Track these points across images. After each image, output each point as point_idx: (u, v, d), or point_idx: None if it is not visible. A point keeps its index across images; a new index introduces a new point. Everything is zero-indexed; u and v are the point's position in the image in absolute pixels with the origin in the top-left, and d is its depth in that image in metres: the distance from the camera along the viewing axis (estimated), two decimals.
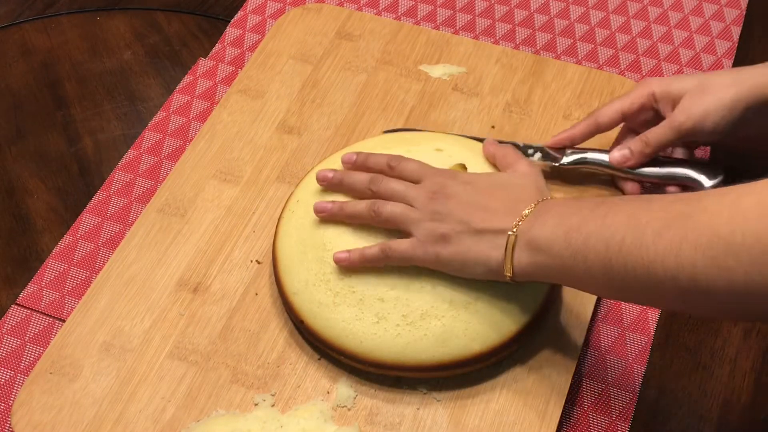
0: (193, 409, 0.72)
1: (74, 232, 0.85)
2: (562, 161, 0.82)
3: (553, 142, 0.83)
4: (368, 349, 0.71)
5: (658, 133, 0.78)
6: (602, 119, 0.81)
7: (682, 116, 0.76)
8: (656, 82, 0.79)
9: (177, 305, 0.78)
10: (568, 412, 0.73)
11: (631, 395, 0.74)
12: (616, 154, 0.80)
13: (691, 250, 0.54)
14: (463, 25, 1.01)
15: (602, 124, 0.81)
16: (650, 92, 0.79)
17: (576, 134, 0.82)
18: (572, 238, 0.62)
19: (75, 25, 1.05)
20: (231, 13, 1.04)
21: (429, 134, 0.85)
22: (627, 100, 0.80)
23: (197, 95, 0.95)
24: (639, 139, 0.79)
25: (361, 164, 0.77)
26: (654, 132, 0.78)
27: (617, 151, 0.80)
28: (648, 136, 0.78)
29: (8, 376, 0.77)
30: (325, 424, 0.71)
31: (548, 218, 0.65)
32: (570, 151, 0.83)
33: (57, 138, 0.94)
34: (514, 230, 0.66)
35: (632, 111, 0.80)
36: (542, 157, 0.83)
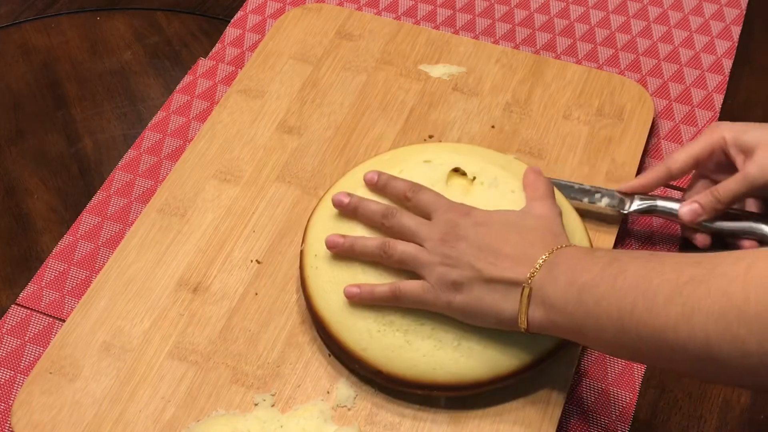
0: (193, 409, 0.72)
1: (74, 232, 0.85)
2: (632, 208, 0.80)
3: (624, 189, 0.81)
4: (459, 373, 0.70)
5: (730, 188, 0.76)
6: (674, 166, 0.79)
7: (756, 170, 0.74)
8: (726, 128, 0.78)
9: (177, 305, 0.78)
10: (568, 412, 0.73)
11: (631, 395, 0.74)
12: (685, 209, 0.77)
13: (704, 318, 0.53)
14: (463, 25, 1.01)
15: (674, 170, 0.79)
16: (721, 137, 0.77)
17: (647, 182, 0.80)
18: (585, 299, 0.61)
19: (75, 25, 1.05)
20: (231, 13, 1.04)
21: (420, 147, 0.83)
22: (698, 145, 0.78)
23: (197, 95, 0.95)
24: (710, 193, 0.77)
25: (381, 187, 0.75)
26: (725, 186, 0.76)
27: (687, 205, 0.77)
28: (719, 191, 0.76)
29: (8, 376, 0.77)
30: (325, 424, 0.71)
31: (560, 273, 0.63)
32: (639, 198, 0.81)
33: (57, 138, 0.94)
34: (527, 284, 0.65)
35: (704, 156, 0.78)
36: (609, 203, 0.81)
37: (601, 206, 0.81)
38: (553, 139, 0.88)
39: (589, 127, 0.89)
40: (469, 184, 0.77)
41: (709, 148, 0.78)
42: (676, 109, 0.93)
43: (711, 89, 0.94)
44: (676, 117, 0.92)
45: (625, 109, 0.90)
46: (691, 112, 0.93)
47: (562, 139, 0.88)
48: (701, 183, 0.81)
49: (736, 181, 0.76)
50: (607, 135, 0.88)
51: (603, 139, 0.88)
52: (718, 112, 0.92)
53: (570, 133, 0.88)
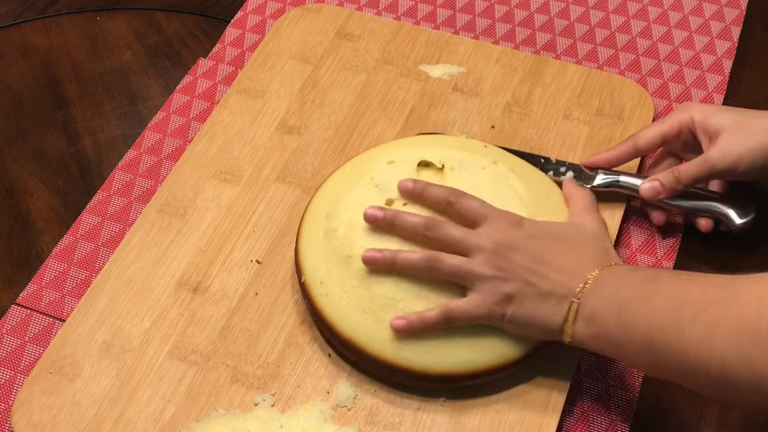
0: (193, 409, 0.72)
1: (74, 232, 0.85)
2: (594, 183, 0.82)
3: (588, 162, 0.82)
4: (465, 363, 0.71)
5: (691, 170, 0.77)
6: (641, 142, 0.80)
7: (717, 155, 0.75)
8: (696, 108, 0.78)
9: (177, 305, 0.78)
10: (568, 412, 0.73)
11: (631, 395, 0.74)
12: (646, 186, 0.79)
13: (721, 341, 0.54)
14: (463, 25, 1.01)
15: (641, 147, 0.81)
16: (690, 117, 0.78)
17: (614, 157, 0.82)
18: (622, 315, 0.62)
19: (75, 25, 1.05)
20: (231, 13, 1.04)
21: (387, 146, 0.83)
22: (666, 123, 0.80)
23: (197, 95, 0.95)
24: (671, 173, 0.78)
25: (418, 195, 0.73)
26: (687, 168, 0.77)
27: (648, 182, 0.79)
28: (680, 172, 0.77)
29: (8, 376, 0.77)
30: (325, 424, 0.71)
31: (604, 289, 0.65)
32: (603, 173, 0.82)
33: (57, 138, 0.94)
34: (577, 298, 0.65)
35: (671, 135, 0.80)
36: (574, 176, 0.82)
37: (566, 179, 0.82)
38: (553, 139, 0.88)
39: (589, 127, 0.89)
40: (440, 172, 0.77)
41: (677, 127, 0.79)
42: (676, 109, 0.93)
43: (711, 89, 0.94)
44: None
45: (625, 109, 0.90)
46: None
47: (562, 139, 0.88)
48: (668, 160, 0.82)
49: (697, 163, 0.77)
50: (607, 135, 0.88)
51: (603, 139, 0.88)
52: None
53: (570, 133, 0.88)
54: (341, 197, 0.76)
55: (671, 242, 0.83)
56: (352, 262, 0.72)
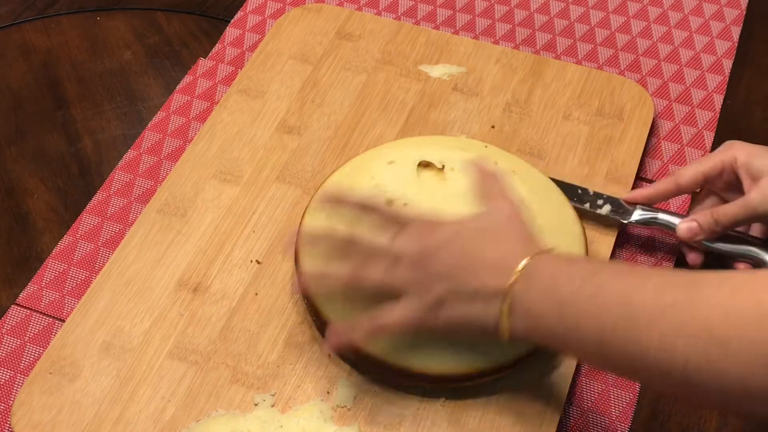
0: (193, 409, 0.72)
1: (74, 232, 0.85)
2: (632, 218, 0.80)
3: (629, 198, 0.81)
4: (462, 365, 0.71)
5: (731, 212, 0.75)
6: (683, 181, 0.79)
7: (759, 198, 0.74)
8: (740, 149, 0.77)
9: (177, 305, 0.78)
10: (568, 412, 0.73)
11: (631, 395, 0.74)
12: (683, 226, 0.77)
13: (683, 346, 0.52)
14: (463, 25, 1.01)
15: (683, 185, 0.79)
16: (733, 157, 0.77)
17: (654, 193, 0.80)
18: (565, 314, 0.59)
19: (75, 25, 1.05)
20: (231, 13, 1.04)
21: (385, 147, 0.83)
22: (709, 162, 0.78)
23: (197, 95, 0.95)
24: (710, 214, 0.76)
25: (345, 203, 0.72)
26: (726, 210, 0.76)
27: (685, 222, 0.77)
28: (720, 214, 0.76)
29: (8, 376, 0.77)
30: (325, 424, 0.71)
31: (540, 284, 0.61)
32: (641, 209, 0.81)
33: (57, 138, 0.94)
34: (508, 293, 0.62)
35: (714, 174, 0.78)
36: (611, 210, 0.81)
37: (602, 213, 0.81)
38: (553, 139, 0.88)
39: (589, 128, 0.89)
40: (440, 172, 0.77)
41: (719, 166, 0.77)
42: (676, 110, 0.93)
43: (711, 89, 0.94)
44: (676, 117, 0.92)
45: (625, 109, 0.90)
46: (691, 113, 0.93)
47: (562, 139, 0.88)
48: (710, 199, 0.80)
49: (737, 206, 0.75)
50: (607, 135, 0.88)
51: (603, 139, 0.88)
52: (718, 113, 0.92)
53: (570, 133, 0.88)
54: None
55: (671, 242, 0.83)
56: None
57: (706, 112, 0.92)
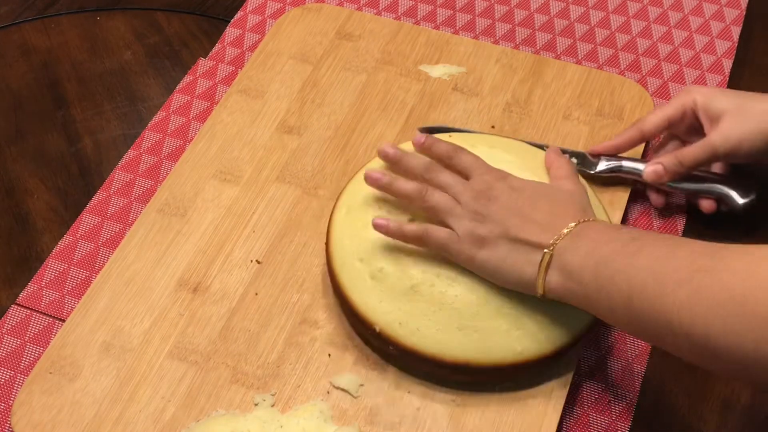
0: (193, 409, 0.72)
1: (74, 232, 0.85)
2: (598, 168, 0.83)
3: (594, 150, 0.84)
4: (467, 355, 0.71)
5: (693, 153, 0.78)
6: (647, 127, 0.82)
7: (719, 139, 0.77)
8: (699, 91, 0.80)
9: (177, 305, 0.78)
10: (568, 412, 0.73)
11: (631, 395, 0.74)
12: (649, 169, 0.80)
13: (706, 309, 0.54)
14: (463, 25, 1.01)
15: (647, 132, 0.82)
16: (692, 100, 0.80)
17: (620, 143, 0.83)
18: (600, 272, 0.62)
19: (75, 25, 1.05)
20: (231, 13, 1.04)
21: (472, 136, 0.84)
22: (670, 107, 0.81)
23: (197, 95, 0.95)
24: (674, 156, 0.79)
25: (427, 147, 0.76)
26: (689, 151, 0.78)
27: (651, 165, 0.80)
28: (683, 155, 0.79)
29: (8, 376, 0.77)
30: (325, 424, 0.71)
31: (582, 243, 0.65)
32: (606, 159, 0.83)
33: (57, 138, 0.94)
34: (550, 249, 0.66)
35: (676, 118, 0.81)
36: (578, 163, 0.83)
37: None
38: (553, 139, 0.88)
39: (589, 127, 0.89)
40: None
41: (681, 110, 0.80)
42: None
43: None
44: None
45: (625, 109, 0.90)
46: None
47: (562, 139, 0.88)
48: (672, 144, 0.84)
49: (699, 147, 0.78)
50: (607, 135, 0.88)
51: (603, 139, 0.88)
52: None
53: (570, 133, 0.88)
54: (364, 237, 0.75)
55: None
56: (419, 290, 0.72)
57: None
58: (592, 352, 0.76)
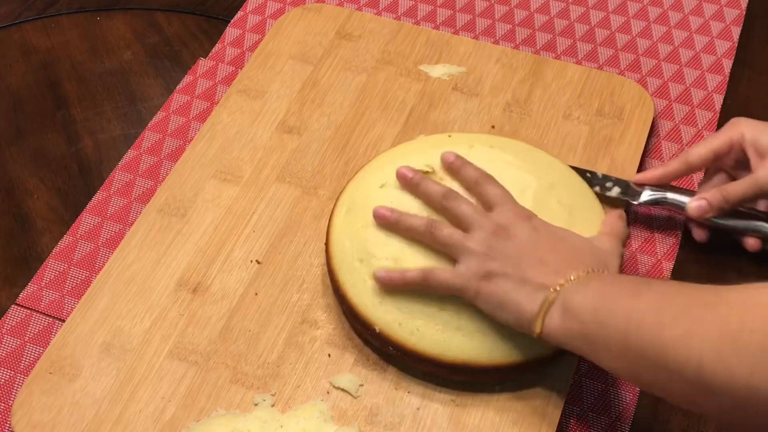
0: (193, 409, 0.72)
1: (74, 232, 0.85)
2: (641, 199, 0.81)
3: (639, 180, 0.82)
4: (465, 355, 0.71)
5: (739, 189, 0.77)
6: (693, 159, 0.80)
7: (765, 176, 0.75)
8: (747, 125, 0.78)
9: (177, 305, 0.78)
10: (568, 412, 0.73)
11: (631, 395, 0.74)
12: (693, 204, 0.78)
13: (700, 342, 0.53)
14: (463, 25, 1.01)
15: (693, 163, 0.80)
16: (740, 134, 0.78)
17: (665, 174, 0.81)
18: (601, 310, 0.61)
19: (75, 25, 1.05)
20: (231, 13, 1.04)
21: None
22: (717, 140, 0.79)
23: (197, 95, 0.95)
24: (718, 191, 0.77)
25: (456, 169, 0.75)
26: (734, 187, 0.77)
27: (695, 201, 0.78)
28: (728, 191, 0.77)
29: (8, 376, 0.77)
30: (325, 424, 0.71)
31: (590, 285, 0.64)
32: (650, 190, 0.82)
33: (57, 138, 0.94)
34: (556, 290, 0.65)
35: (723, 152, 0.79)
36: (620, 192, 0.82)
37: (612, 195, 0.82)
38: (553, 139, 0.88)
39: (589, 127, 0.89)
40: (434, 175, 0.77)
41: (728, 143, 0.79)
42: (676, 110, 0.93)
43: (711, 89, 0.94)
44: (676, 117, 0.92)
45: (625, 109, 0.90)
46: (691, 113, 0.93)
47: (562, 139, 0.88)
48: (718, 177, 0.82)
49: (745, 183, 0.77)
50: (607, 135, 0.88)
51: (603, 139, 0.88)
52: (718, 113, 0.92)
53: (570, 133, 0.88)
54: (364, 237, 0.74)
55: (671, 242, 0.83)
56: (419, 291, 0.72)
57: (706, 112, 0.92)
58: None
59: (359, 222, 0.75)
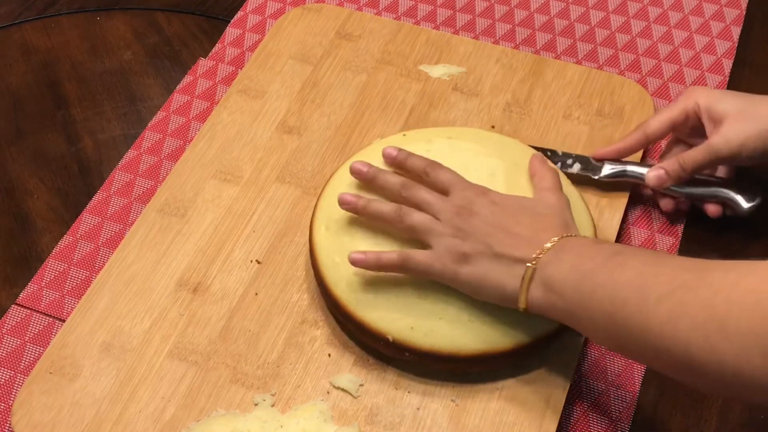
0: (193, 409, 0.72)
1: (74, 232, 0.85)
2: (602, 173, 0.83)
3: (599, 155, 0.83)
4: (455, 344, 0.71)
5: (695, 157, 0.78)
6: (650, 130, 0.81)
7: (721, 142, 0.76)
8: (702, 93, 0.80)
9: (177, 305, 0.78)
10: (568, 412, 0.73)
11: (631, 395, 0.74)
12: (651, 174, 0.79)
13: (687, 325, 0.54)
14: (463, 25, 1.01)
15: (651, 135, 0.82)
16: (695, 103, 0.79)
17: (625, 147, 0.82)
18: (583, 285, 0.62)
19: (75, 25, 1.05)
20: (231, 13, 1.04)
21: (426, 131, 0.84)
22: (674, 110, 0.80)
23: (197, 95, 0.95)
24: (675, 161, 0.78)
25: (400, 163, 0.76)
26: (690, 155, 0.78)
27: (653, 170, 0.79)
28: (684, 159, 0.78)
29: (8, 376, 0.77)
30: (325, 424, 0.71)
31: (566, 258, 0.65)
32: (609, 164, 0.83)
33: (57, 138, 0.94)
34: (533, 263, 0.66)
35: (679, 121, 0.81)
36: (581, 168, 0.83)
37: (573, 171, 0.83)
38: (553, 139, 0.88)
39: (589, 127, 0.89)
40: None
41: (683, 113, 0.80)
42: None
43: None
44: None
45: (625, 109, 0.90)
46: None
47: (562, 139, 0.88)
48: (677, 147, 0.83)
49: (700, 151, 0.78)
50: (607, 135, 0.88)
51: (603, 139, 0.88)
52: None
53: (570, 133, 0.88)
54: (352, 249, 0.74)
55: (671, 242, 0.83)
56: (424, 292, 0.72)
57: None
58: (593, 352, 0.76)
59: (344, 236, 0.75)
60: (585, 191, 0.83)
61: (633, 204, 0.85)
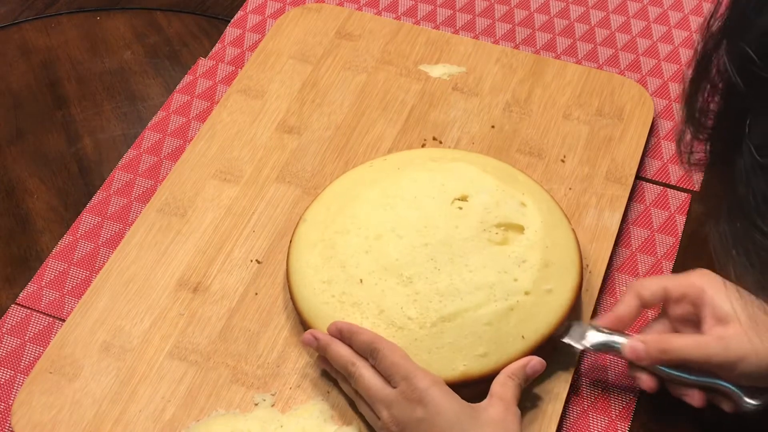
0: (193, 409, 0.72)
1: (74, 232, 0.85)
2: (587, 344, 0.71)
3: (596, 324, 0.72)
4: None
5: (682, 348, 0.66)
6: (645, 292, 0.70)
7: (718, 347, 0.65)
8: (710, 282, 0.68)
9: (177, 305, 0.78)
10: (568, 412, 0.73)
11: (631, 395, 0.74)
12: (627, 346, 0.68)
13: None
14: (463, 24, 1.01)
15: (645, 297, 0.70)
16: (700, 288, 0.68)
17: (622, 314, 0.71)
18: None
19: (75, 25, 1.05)
20: (231, 13, 1.04)
21: None
22: (675, 280, 0.70)
23: (197, 95, 0.95)
24: (659, 341, 0.68)
25: (346, 340, 0.71)
26: (678, 344, 0.67)
27: (632, 341, 0.68)
28: (671, 345, 0.67)
29: (8, 376, 0.77)
30: (325, 424, 0.71)
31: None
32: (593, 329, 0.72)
33: (57, 138, 0.94)
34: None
35: (675, 294, 0.69)
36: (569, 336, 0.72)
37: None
38: (553, 139, 0.88)
39: (589, 127, 0.89)
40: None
41: (681, 292, 0.69)
42: (676, 109, 0.93)
43: None
44: (676, 117, 0.92)
45: (625, 109, 0.90)
46: None
47: (562, 139, 0.88)
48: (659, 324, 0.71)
49: (691, 345, 0.67)
50: (607, 135, 0.88)
51: (603, 139, 0.88)
52: None
53: (570, 133, 0.88)
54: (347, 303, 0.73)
55: (671, 242, 0.83)
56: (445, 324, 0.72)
57: None
58: (592, 352, 0.76)
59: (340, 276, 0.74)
60: (582, 195, 0.83)
61: (633, 204, 0.85)
